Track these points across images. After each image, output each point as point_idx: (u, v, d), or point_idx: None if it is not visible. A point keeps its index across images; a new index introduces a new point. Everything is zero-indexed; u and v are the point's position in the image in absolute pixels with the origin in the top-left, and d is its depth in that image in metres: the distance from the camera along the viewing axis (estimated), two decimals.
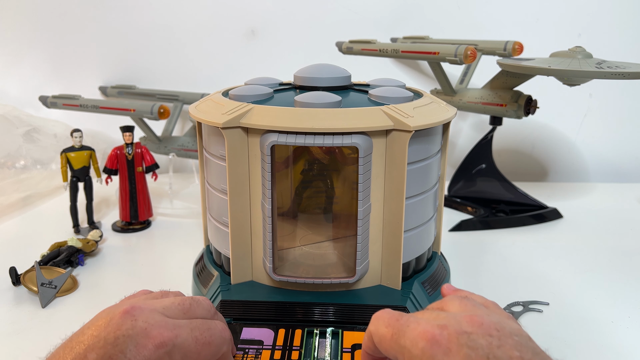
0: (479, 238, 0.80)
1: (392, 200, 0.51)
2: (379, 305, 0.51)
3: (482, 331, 0.32)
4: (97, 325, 0.35)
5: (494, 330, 0.32)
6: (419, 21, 1.07)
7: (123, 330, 0.34)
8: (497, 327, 0.32)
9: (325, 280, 0.52)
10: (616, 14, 1.04)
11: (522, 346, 0.31)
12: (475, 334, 0.31)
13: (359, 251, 0.51)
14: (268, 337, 0.48)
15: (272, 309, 0.51)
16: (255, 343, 0.47)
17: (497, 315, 0.35)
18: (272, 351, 0.46)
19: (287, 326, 0.50)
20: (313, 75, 0.57)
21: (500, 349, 0.31)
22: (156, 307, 0.37)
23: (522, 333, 0.33)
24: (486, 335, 0.31)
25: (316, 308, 0.51)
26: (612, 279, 0.67)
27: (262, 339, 0.48)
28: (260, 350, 0.46)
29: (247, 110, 0.49)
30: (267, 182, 0.50)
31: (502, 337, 0.31)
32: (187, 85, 1.10)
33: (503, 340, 0.31)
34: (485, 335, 0.31)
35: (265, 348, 0.47)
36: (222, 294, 0.53)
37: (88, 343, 0.34)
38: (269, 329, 0.49)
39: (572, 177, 1.14)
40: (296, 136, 0.47)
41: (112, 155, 0.82)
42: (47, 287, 0.61)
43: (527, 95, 0.82)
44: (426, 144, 0.53)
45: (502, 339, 0.31)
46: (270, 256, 0.52)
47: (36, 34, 1.14)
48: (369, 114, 0.49)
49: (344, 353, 0.46)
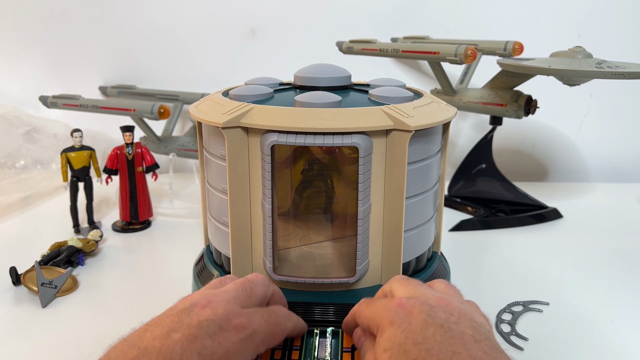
0: (479, 238, 0.80)
1: (392, 200, 0.51)
2: None
3: (444, 309, 0.36)
4: (177, 311, 0.37)
5: (456, 311, 0.36)
6: (419, 21, 1.07)
7: (206, 316, 0.36)
8: (459, 310, 0.37)
9: (326, 280, 0.52)
10: (616, 14, 1.04)
11: (477, 330, 0.35)
12: (438, 308, 0.36)
13: (359, 251, 0.51)
14: None
15: None
16: None
17: (468, 306, 0.39)
18: (272, 351, 0.46)
19: None
20: (313, 75, 0.57)
21: (456, 325, 0.35)
22: (228, 298, 0.39)
23: (485, 325, 0.37)
24: (447, 312, 0.36)
25: (316, 308, 0.51)
26: (612, 279, 0.67)
27: None
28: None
29: (247, 110, 0.49)
30: (267, 182, 0.50)
31: (461, 318, 0.36)
32: (187, 85, 1.10)
33: (461, 320, 0.35)
34: (446, 312, 0.36)
35: None
36: None
37: (170, 325, 0.35)
38: None
39: (572, 177, 1.14)
40: (296, 136, 0.47)
41: (112, 155, 0.82)
42: (47, 287, 0.61)
43: (527, 95, 0.82)
44: (426, 144, 0.53)
45: (460, 319, 0.36)
46: (270, 256, 0.52)
47: (36, 34, 1.14)
48: (369, 113, 0.49)
49: (344, 353, 0.46)
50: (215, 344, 0.35)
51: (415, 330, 0.35)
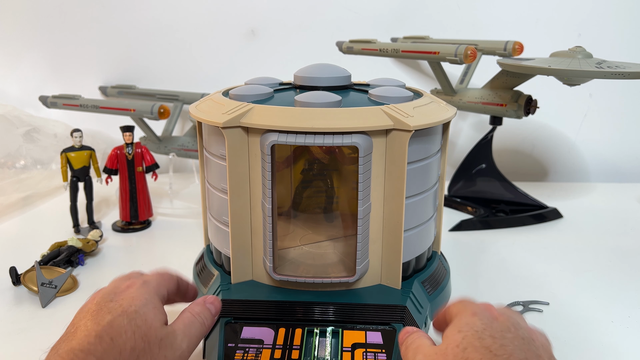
0: (479, 238, 0.80)
1: (392, 200, 0.51)
2: (378, 305, 0.51)
3: (531, 334, 0.38)
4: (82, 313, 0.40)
5: (539, 342, 0.37)
6: (419, 21, 1.07)
7: (99, 296, 0.41)
8: (543, 344, 0.38)
9: (325, 280, 0.52)
10: (616, 14, 1.04)
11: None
12: (525, 330, 0.38)
13: (359, 250, 0.51)
14: (268, 336, 0.48)
15: (272, 308, 0.51)
16: (255, 342, 0.47)
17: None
18: (272, 350, 0.46)
19: (288, 325, 0.50)
20: (313, 75, 0.57)
21: (536, 347, 0.36)
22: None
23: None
24: (531, 336, 0.37)
25: (316, 307, 0.51)
26: (612, 278, 0.67)
27: (263, 338, 0.48)
28: (261, 350, 0.46)
29: (247, 110, 0.49)
30: (267, 181, 0.50)
31: (542, 348, 0.37)
32: (187, 85, 1.10)
33: (542, 348, 0.37)
34: (530, 335, 0.37)
35: (266, 347, 0.47)
36: (223, 293, 0.53)
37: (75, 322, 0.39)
38: (269, 328, 0.49)
39: (572, 177, 1.14)
40: (296, 136, 0.47)
41: (112, 155, 0.82)
42: (47, 287, 0.61)
43: (527, 95, 0.82)
44: (426, 144, 0.53)
45: (541, 348, 0.37)
46: (270, 255, 0.52)
47: (36, 34, 1.14)
48: (369, 113, 0.49)
49: (344, 352, 0.46)
50: (117, 303, 0.38)
51: (495, 328, 0.36)
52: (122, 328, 0.36)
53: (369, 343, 0.47)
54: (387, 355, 0.46)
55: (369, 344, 0.47)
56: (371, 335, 0.48)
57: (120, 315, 0.37)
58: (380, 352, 0.46)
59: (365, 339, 0.48)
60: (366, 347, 0.47)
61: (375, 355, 0.46)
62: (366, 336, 0.48)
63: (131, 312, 0.38)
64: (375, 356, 0.46)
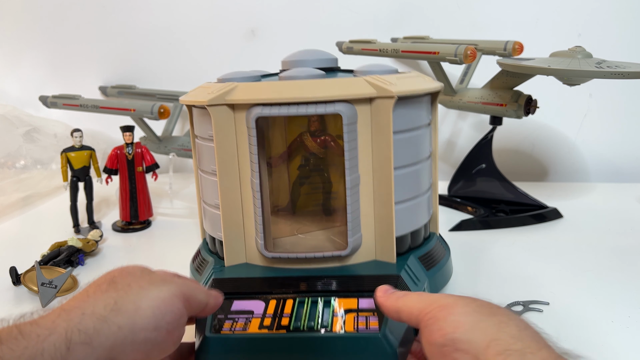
0: (479, 238, 0.80)
1: (381, 170, 0.51)
2: (372, 275, 0.50)
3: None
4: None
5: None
6: (419, 21, 1.07)
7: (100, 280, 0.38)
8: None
9: (318, 254, 0.52)
10: (616, 13, 1.04)
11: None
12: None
13: (350, 222, 0.51)
14: (259, 308, 0.47)
15: (264, 283, 0.51)
16: (245, 313, 0.46)
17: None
18: (262, 319, 0.45)
19: (279, 298, 0.48)
20: (299, 58, 0.58)
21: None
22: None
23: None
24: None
25: (309, 281, 0.51)
26: (612, 278, 0.67)
27: (253, 309, 0.47)
28: (250, 319, 0.45)
29: (232, 88, 0.50)
30: (254, 156, 0.50)
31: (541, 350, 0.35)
32: (187, 85, 1.09)
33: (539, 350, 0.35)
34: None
35: (255, 317, 0.46)
36: (215, 274, 0.53)
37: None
38: (260, 301, 0.48)
39: (572, 177, 1.14)
40: (280, 107, 0.48)
41: (112, 155, 0.82)
42: (47, 287, 0.61)
43: (527, 95, 0.82)
44: (412, 114, 0.53)
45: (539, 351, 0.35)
46: (261, 232, 0.51)
47: (36, 33, 1.14)
48: (352, 83, 0.50)
49: (335, 317, 0.45)
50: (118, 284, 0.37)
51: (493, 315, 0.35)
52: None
53: (361, 308, 0.46)
54: (379, 317, 0.44)
55: (361, 309, 0.46)
56: (363, 301, 0.47)
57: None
58: (372, 315, 0.45)
59: (357, 305, 0.47)
60: (358, 311, 0.46)
61: (367, 318, 0.45)
62: (358, 302, 0.47)
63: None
64: (367, 319, 0.45)
